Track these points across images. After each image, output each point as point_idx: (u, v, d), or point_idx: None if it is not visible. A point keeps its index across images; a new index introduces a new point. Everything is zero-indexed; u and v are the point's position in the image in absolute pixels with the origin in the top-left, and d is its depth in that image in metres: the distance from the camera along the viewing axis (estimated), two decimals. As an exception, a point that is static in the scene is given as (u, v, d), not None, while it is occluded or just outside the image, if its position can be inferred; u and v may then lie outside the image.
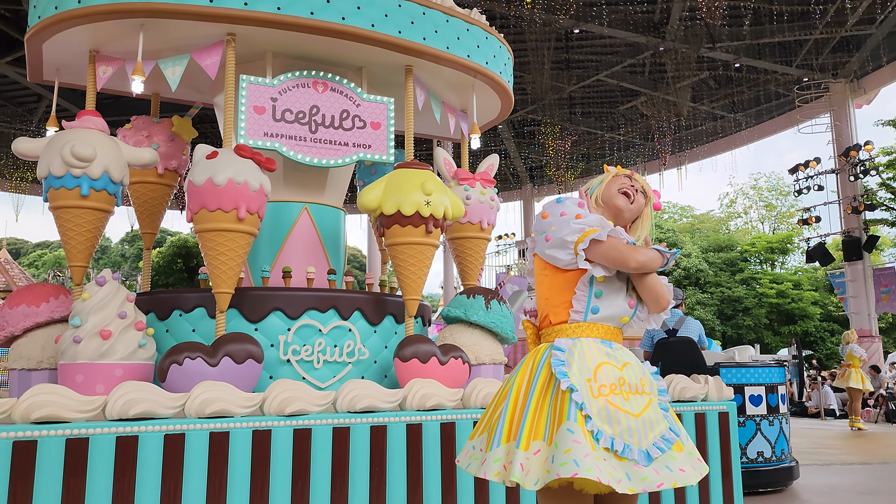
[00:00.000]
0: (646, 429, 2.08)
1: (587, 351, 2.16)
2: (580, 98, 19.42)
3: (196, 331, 4.19)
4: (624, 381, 2.13)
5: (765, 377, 6.08)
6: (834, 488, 6.11)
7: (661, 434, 2.10)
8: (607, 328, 2.26)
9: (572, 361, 2.12)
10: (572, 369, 2.10)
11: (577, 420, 1.99)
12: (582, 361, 2.13)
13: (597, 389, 2.07)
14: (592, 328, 2.23)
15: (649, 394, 2.18)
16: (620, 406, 2.07)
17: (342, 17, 4.27)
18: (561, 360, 2.12)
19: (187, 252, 27.62)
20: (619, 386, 2.11)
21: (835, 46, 17.12)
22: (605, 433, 2.00)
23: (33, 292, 4.19)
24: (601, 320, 2.25)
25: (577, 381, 2.08)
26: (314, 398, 3.44)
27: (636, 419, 2.07)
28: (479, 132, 5.37)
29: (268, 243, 4.78)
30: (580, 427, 1.98)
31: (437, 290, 26.83)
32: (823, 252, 18.62)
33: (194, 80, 4.98)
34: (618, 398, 2.08)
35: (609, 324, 2.26)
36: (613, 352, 2.21)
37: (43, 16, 4.21)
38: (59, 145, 3.87)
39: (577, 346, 2.17)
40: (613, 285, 2.26)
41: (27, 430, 2.89)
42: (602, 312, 2.24)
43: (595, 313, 2.23)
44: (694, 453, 2.17)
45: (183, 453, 3.10)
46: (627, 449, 2.00)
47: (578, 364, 2.12)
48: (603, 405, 2.05)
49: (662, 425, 2.13)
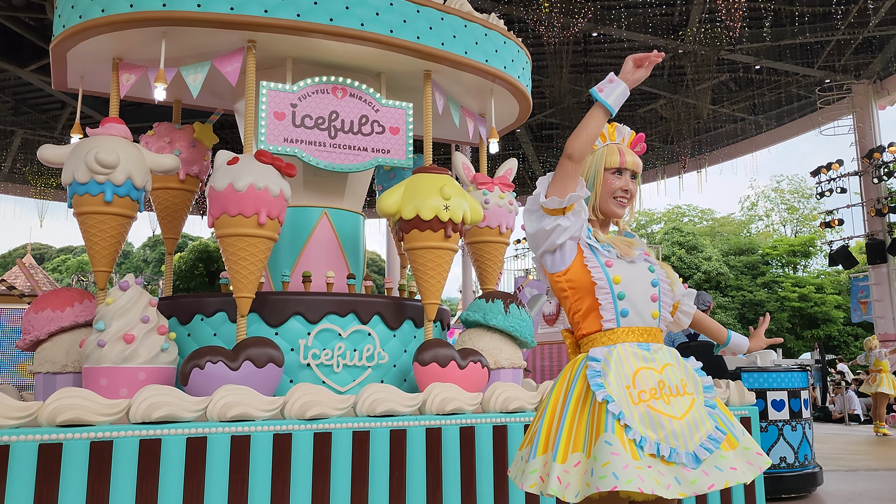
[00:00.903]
0: (691, 430, 2.04)
1: (624, 357, 2.13)
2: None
3: (217, 335, 4.23)
4: (664, 384, 2.10)
5: (787, 382, 6.01)
6: (859, 495, 6.03)
7: (708, 434, 2.06)
8: (642, 329, 2.22)
9: (608, 371, 2.09)
10: (609, 379, 2.07)
11: (614, 431, 1.96)
12: (619, 369, 2.10)
13: (637, 395, 2.05)
14: (627, 333, 2.20)
15: (692, 394, 2.14)
16: (662, 410, 2.04)
17: (361, 24, 4.30)
18: (597, 371, 2.10)
19: (208, 257, 27.85)
20: (659, 390, 2.08)
21: (857, 47, 16.92)
22: (650, 439, 1.97)
23: (58, 297, 4.26)
24: (633, 323, 2.21)
25: (614, 390, 2.05)
26: (334, 402, 3.46)
27: (680, 422, 2.03)
28: (498, 136, 5.37)
29: (288, 248, 4.82)
30: (618, 438, 1.95)
31: (456, 295, 26.86)
32: (846, 255, 18.37)
33: (215, 86, 5.03)
34: (659, 402, 2.05)
35: (642, 324, 2.23)
36: (651, 354, 2.17)
37: (67, 25, 4.28)
38: (83, 152, 3.93)
39: (612, 354, 2.14)
40: (635, 284, 2.24)
41: (53, 433, 2.93)
42: (631, 315, 2.21)
43: (625, 316, 2.20)
44: (751, 448, 2.11)
45: (205, 456, 3.13)
46: (674, 453, 1.97)
47: (616, 372, 2.09)
48: (644, 411, 2.02)
49: (708, 425, 2.09)
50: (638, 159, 2.41)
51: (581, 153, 2.17)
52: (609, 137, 2.40)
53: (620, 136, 2.43)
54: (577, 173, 2.20)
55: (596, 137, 2.19)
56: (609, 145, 2.39)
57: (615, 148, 2.37)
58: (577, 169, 2.19)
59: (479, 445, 3.69)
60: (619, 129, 2.44)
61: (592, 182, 2.36)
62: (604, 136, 2.39)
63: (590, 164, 2.37)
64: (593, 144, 2.21)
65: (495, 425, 3.77)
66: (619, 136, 2.43)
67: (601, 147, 2.38)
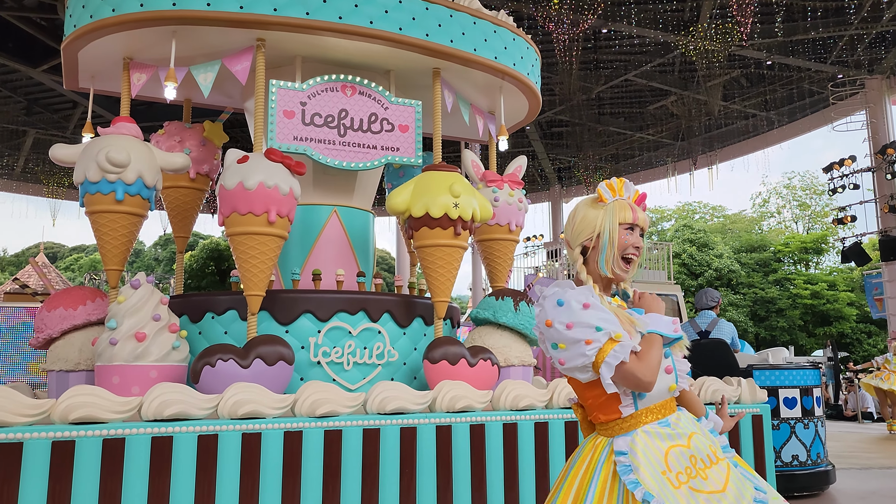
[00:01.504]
0: (738, 498, 1.96)
1: (650, 442, 2.03)
2: (609, 98, 19.28)
3: (228, 333, 4.25)
4: (695, 458, 2.01)
5: (799, 379, 5.98)
6: (872, 493, 5.98)
7: (754, 496, 1.99)
8: (660, 406, 2.10)
9: (639, 463, 1.98)
10: (641, 472, 1.96)
11: None
12: (648, 456, 1.99)
13: (675, 479, 1.95)
14: (646, 414, 2.08)
15: (723, 458, 2.05)
16: (703, 489, 1.95)
17: (370, 21, 4.30)
18: (627, 466, 1.98)
19: (219, 255, 27.95)
20: (694, 467, 1.99)
21: (870, 42, 16.77)
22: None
23: (70, 296, 4.28)
24: (652, 402, 2.09)
25: (650, 481, 1.94)
26: (344, 400, 3.47)
27: (724, 494, 1.96)
28: (507, 134, 5.36)
29: (298, 246, 4.83)
30: None
31: (466, 292, 26.87)
32: (859, 252, 18.21)
33: (225, 85, 5.05)
34: (697, 481, 1.96)
35: (660, 400, 2.11)
36: (673, 430, 2.07)
37: (78, 25, 4.30)
38: (94, 151, 3.96)
39: (637, 443, 2.03)
40: None
41: (66, 431, 2.95)
42: (648, 395, 2.08)
43: (642, 398, 2.08)
44: (779, 499, 2.05)
45: (216, 454, 3.15)
46: None
47: (646, 461, 1.97)
48: (688, 494, 1.93)
49: (749, 487, 2.01)
50: (646, 218, 2.26)
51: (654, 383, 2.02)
52: (617, 192, 2.24)
53: (628, 192, 2.25)
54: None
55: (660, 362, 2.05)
56: (619, 200, 2.22)
57: (626, 204, 2.21)
58: (646, 389, 2.04)
59: (489, 443, 3.69)
60: (626, 185, 2.27)
61: (606, 239, 2.17)
62: (613, 190, 2.23)
63: (601, 219, 2.20)
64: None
65: (505, 423, 3.76)
66: (627, 192, 2.25)
67: (612, 202, 2.21)
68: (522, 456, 3.76)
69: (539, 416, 3.88)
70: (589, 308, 2.03)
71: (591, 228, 2.21)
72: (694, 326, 7.09)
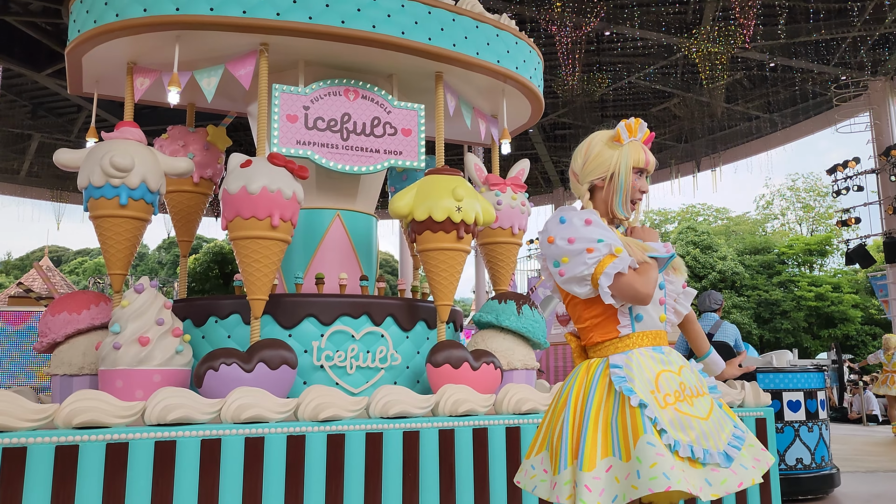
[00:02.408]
0: (718, 430, 2.02)
1: (643, 362, 2.09)
2: (612, 101, 19.28)
3: (231, 337, 4.25)
4: (684, 385, 2.07)
5: (803, 382, 5.96)
6: (877, 497, 5.96)
7: (732, 432, 2.05)
8: (654, 333, 2.18)
9: (632, 376, 2.05)
10: (635, 384, 2.03)
11: (653, 433, 1.93)
12: (641, 374, 2.06)
13: (662, 399, 2.01)
14: (641, 337, 2.15)
15: (708, 394, 2.12)
16: (689, 412, 2.01)
17: (373, 26, 4.31)
18: (622, 377, 2.05)
19: (223, 259, 28.00)
20: (682, 392, 2.05)
21: (873, 44, 16.74)
22: (682, 442, 1.94)
23: (74, 300, 4.30)
24: (646, 327, 2.17)
25: (642, 395, 2.01)
26: (347, 404, 3.47)
27: (707, 422, 2.01)
28: (510, 137, 5.37)
29: (301, 250, 4.84)
30: (659, 440, 1.92)
31: (470, 295, 26.84)
32: (864, 254, 18.17)
33: (228, 89, 5.06)
34: (684, 405, 2.02)
35: (654, 328, 2.19)
36: (666, 357, 2.14)
37: (82, 30, 4.32)
38: (98, 156, 3.97)
39: (632, 360, 2.10)
40: None
41: (69, 435, 2.96)
42: (645, 319, 2.17)
43: (640, 321, 2.16)
44: (755, 445, 2.10)
45: (219, 458, 3.15)
46: (707, 454, 1.94)
47: (639, 377, 2.05)
48: (673, 414, 1.99)
49: (729, 424, 2.08)
50: (655, 161, 2.31)
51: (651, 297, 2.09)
52: (633, 133, 2.24)
53: (641, 133, 2.27)
54: None
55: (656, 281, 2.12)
56: (634, 142, 2.23)
57: (639, 146, 2.23)
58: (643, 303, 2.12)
59: (493, 447, 3.69)
60: (641, 125, 2.28)
61: (622, 182, 2.20)
62: (631, 131, 2.23)
63: (616, 160, 2.21)
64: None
65: (508, 427, 3.76)
66: (641, 133, 2.27)
67: (627, 143, 2.22)
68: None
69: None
70: (591, 224, 2.10)
71: (604, 168, 2.23)
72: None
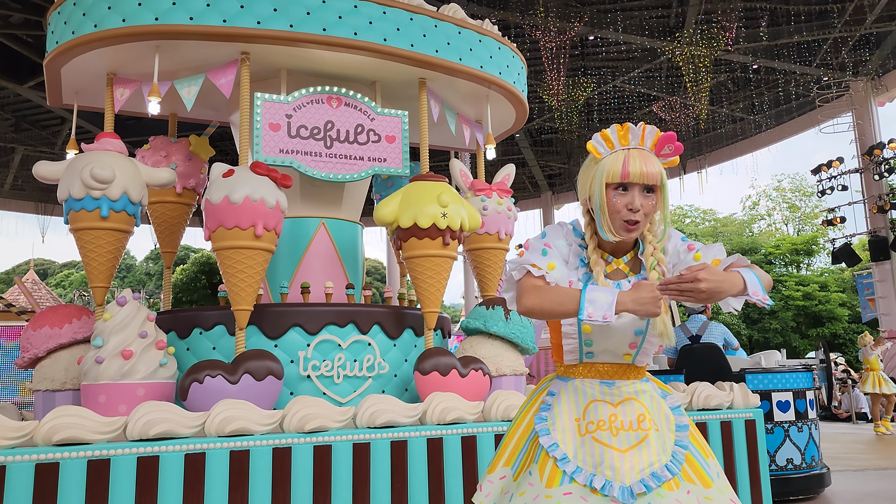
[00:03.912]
0: (632, 465, 1.91)
1: (580, 390, 2.04)
2: (597, 104, 19.36)
3: (216, 348, 4.21)
4: (616, 417, 1.98)
5: (792, 382, 5.97)
6: (868, 496, 5.97)
7: (652, 471, 1.91)
8: (607, 367, 2.05)
9: (558, 404, 2.02)
10: (555, 411, 2.01)
11: (538, 461, 1.94)
12: (572, 401, 2.02)
13: (584, 427, 1.97)
14: (589, 369, 2.06)
15: (647, 430, 1.97)
16: (605, 442, 1.94)
17: (354, 33, 4.28)
18: (547, 404, 2.05)
19: (210, 268, 27.82)
20: (609, 422, 1.97)
21: (854, 44, 16.89)
22: (586, 470, 1.90)
23: (56, 314, 4.24)
24: (601, 360, 2.05)
25: (560, 421, 1.98)
26: (334, 414, 3.43)
27: (622, 455, 1.92)
28: (495, 142, 5.35)
29: (286, 259, 4.80)
30: (538, 469, 1.92)
31: (459, 300, 26.77)
32: (849, 253, 18.30)
33: (210, 99, 5.02)
34: (605, 434, 1.95)
35: (612, 361, 2.05)
36: (611, 390, 2.03)
37: (60, 41, 4.27)
38: (78, 168, 3.92)
39: (568, 388, 2.06)
40: (611, 334, 1.99)
41: (49, 453, 2.90)
42: (598, 356, 2.04)
43: (590, 358, 2.05)
44: (725, 493, 1.92)
45: (204, 472, 3.10)
46: (608, 485, 1.87)
47: (568, 404, 2.01)
48: (588, 442, 1.95)
49: (656, 463, 1.92)
50: (652, 168, 1.91)
51: (525, 312, 1.94)
52: (619, 142, 1.94)
53: (635, 139, 1.94)
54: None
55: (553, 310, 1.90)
56: (616, 153, 1.93)
57: (620, 156, 1.91)
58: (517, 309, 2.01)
59: (482, 455, 3.66)
60: (632, 130, 1.93)
61: (597, 202, 1.94)
62: (610, 143, 1.94)
63: (590, 179, 1.97)
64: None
65: (497, 434, 3.73)
66: (634, 139, 1.94)
67: (605, 157, 1.94)
68: (515, 467, 3.73)
69: (531, 426, 3.85)
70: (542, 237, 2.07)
71: (584, 191, 2.01)
72: (685, 331, 7.08)
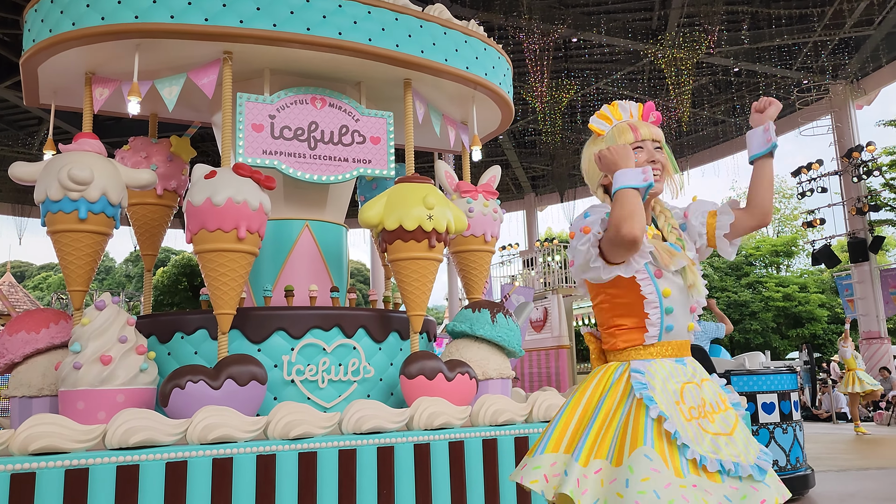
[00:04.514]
0: (746, 444, 1.95)
1: (668, 372, 2.02)
2: (580, 107, 19.42)
3: (198, 353, 4.13)
4: (705, 401, 2.00)
5: (777, 384, 5.99)
6: (851, 496, 6.00)
7: (757, 455, 1.95)
8: (680, 344, 2.11)
9: (654, 384, 1.97)
10: (656, 394, 1.95)
11: (654, 446, 1.85)
12: (665, 384, 1.98)
13: (688, 412, 1.94)
14: (666, 348, 2.08)
15: (730, 408, 2.04)
16: (709, 430, 1.94)
17: (339, 33, 4.23)
18: (643, 384, 1.97)
19: (191, 271, 27.54)
20: (702, 408, 1.98)
21: (834, 48, 17.08)
22: (710, 457, 1.87)
23: (33, 318, 4.14)
24: (674, 337, 2.09)
25: (665, 406, 1.93)
26: (319, 420, 3.37)
27: (732, 437, 1.94)
28: (480, 144, 5.32)
29: (269, 262, 4.73)
30: (659, 455, 1.84)
31: (443, 302, 26.71)
32: (829, 254, 18.49)
33: (192, 99, 4.94)
34: (705, 421, 1.95)
35: (681, 338, 2.11)
36: (689, 369, 2.07)
37: (37, 39, 4.18)
38: (55, 169, 3.83)
39: (654, 368, 2.02)
40: (680, 297, 2.09)
41: (25, 462, 2.82)
42: (675, 329, 2.09)
43: (669, 331, 2.08)
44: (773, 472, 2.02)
45: (185, 481, 3.03)
46: (739, 466, 1.87)
47: (662, 387, 1.97)
48: (696, 430, 1.92)
49: (756, 444, 1.99)
50: (655, 129, 2.19)
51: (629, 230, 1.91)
52: (615, 118, 2.20)
53: (626, 113, 2.21)
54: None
55: (641, 214, 1.94)
56: (618, 125, 2.18)
57: (625, 125, 2.16)
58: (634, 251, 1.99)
59: (469, 460, 3.62)
60: (621, 106, 2.21)
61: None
62: (608, 119, 2.19)
63: None
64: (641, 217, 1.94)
65: (485, 439, 3.69)
66: (625, 113, 2.20)
67: (609, 130, 2.18)
68: (503, 472, 3.68)
69: (519, 431, 3.81)
70: (595, 216, 2.07)
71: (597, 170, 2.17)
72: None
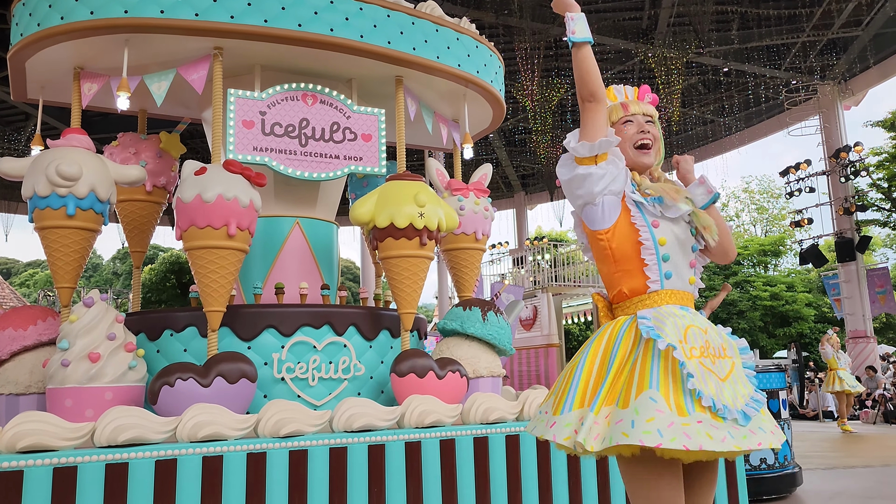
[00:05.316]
0: (734, 391, 2.02)
1: (672, 316, 2.09)
2: (571, 105, 19.45)
3: (188, 351, 4.10)
4: (709, 343, 2.07)
5: (766, 383, 6.02)
6: (838, 494, 6.04)
7: (751, 395, 2.04)
8: (682, 294, 2.19)
9: (662, 325, 2.04)
10: (665, 331, 2.02)
11: (659, 389, 1.93)
12: (672, 325, 2.05)
13: (689, 351, 2.01)
14: (669, 295, 2.16)
15: (731, 357, 2.11)
16: (710, 368, 2.01)
17: (330, 29, 4.21)
18: (650, 326, 2.04)
19: (180, 268, 27.40)
20: (706, 349, 2.05)
21: (822, 49, 17.19)
22: (705, 393, 1.94)
23: (20, 315, 4.10)
24: (675, 286, 2.18)
25: (672, 340, 2.00)
26: (310, 418, 3.36)
27: (725, 382, 2.01)
28: (472, 142, 5.31)
29: (259, 259, 4.70)
30: (663, 396, 1.92)
31: (432, 301, 26.69)
32: (817, 254, 18.64)
33: (182, 94, 4.91)
34: (707, 360, 2.02)
35: (682, 288, 2.19)
36: (693, 316, 2.14)
37: (25, 33, 4.13)
38: (43, 165, 3.79)
39: (662, 311, 2.10)
40: (679, 247, 2.20)
41: (13, 461, 2.79)
42: (674, 277, 2.17)
43: (669, 278, 2.17)
44: (770, 418, 2.11)
45: (175, 480, 3.01)
46: (726, 409, 1.94)
47: (669, 327, 2.04)
48: (697, 366, 1.99)
49: (749, 387, 2.08)
50: (647, 106, 2.31)
51: (598, 89, 2.13)
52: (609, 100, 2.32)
53: (621, 95, 2.33)
54: (604, 115, 2.16)
55: (596, 70, 2.15)
56: (610, 106, 2.31)
57: (616, 105, 2.30)
58: (601, 109, 2.14)
59: (460, 458, 3.61)
60: (616, 89, 2.34)
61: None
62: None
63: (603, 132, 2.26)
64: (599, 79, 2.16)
65: (476, 437, 3.69)
66: (620, 95, 2.33)
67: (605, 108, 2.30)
68: (494, 471, 3.69)
69: (510, 429, 3.81)
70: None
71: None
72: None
